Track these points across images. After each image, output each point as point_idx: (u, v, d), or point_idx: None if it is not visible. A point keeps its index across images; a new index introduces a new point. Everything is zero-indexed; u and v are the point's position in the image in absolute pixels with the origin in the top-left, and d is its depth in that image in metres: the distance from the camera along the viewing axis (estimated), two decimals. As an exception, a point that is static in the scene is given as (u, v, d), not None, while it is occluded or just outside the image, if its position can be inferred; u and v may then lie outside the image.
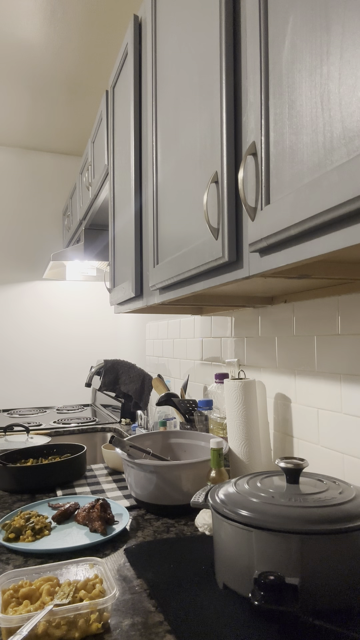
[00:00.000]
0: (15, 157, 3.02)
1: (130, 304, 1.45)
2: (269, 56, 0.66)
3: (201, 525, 0.94)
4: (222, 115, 0.78)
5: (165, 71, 1.10)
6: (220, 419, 1.31)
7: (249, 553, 0.65)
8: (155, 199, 1.16)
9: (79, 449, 1.49)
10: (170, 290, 1.09)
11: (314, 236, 0.57)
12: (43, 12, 1.77)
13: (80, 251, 2.23)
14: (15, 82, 2.27)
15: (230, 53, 0.78)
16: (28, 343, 2.98)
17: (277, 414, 1.21)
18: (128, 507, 1.10)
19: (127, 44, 1.41)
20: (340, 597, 0.62)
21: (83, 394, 3.08)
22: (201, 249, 0.85)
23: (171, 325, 2.03)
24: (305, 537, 0.61)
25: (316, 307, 1.06)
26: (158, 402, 1.58)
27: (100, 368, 2.14)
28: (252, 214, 0.68)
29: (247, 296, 1.21)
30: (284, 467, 0.75)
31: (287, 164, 0.61)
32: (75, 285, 3.09)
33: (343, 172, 0.49)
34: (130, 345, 2.77)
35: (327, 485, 0.74)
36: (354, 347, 0.94)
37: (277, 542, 0.62)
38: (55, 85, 2.30)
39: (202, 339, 1.70)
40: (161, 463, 1.04)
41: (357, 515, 0.64)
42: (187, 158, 0.95)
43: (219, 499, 0.73)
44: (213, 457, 0.98)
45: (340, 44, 0.51)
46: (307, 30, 0.57)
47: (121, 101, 1.54)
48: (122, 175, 1.53)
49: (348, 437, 0.96)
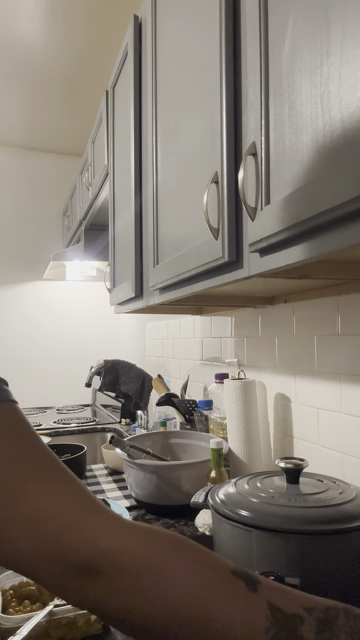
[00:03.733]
0: (15, 157, 3.02)
1: (130, 304, 1.45)
2: (269, 56, 0.66)
3: (201, 526, 0.94)
4: (222, 115, 0.78)
5: (165, 71, 1.10)
6: (220, 419, 1.31)
7: (249, 553, 0.65)
8: (155, 199, 1.16)
9: (79, 449, 1.49)
10: (170, 290, 1.09)
11: (314, 236, 0.57)
12: (43, 12, 1.77)
13: (80, 251, 2.23)
14: (16, 82, 2.27)
15: (230, 53, 0.78)
16: (28, 343, 2.98)
17: (277, 414, 1.21)
18: (128, 507, 1.10)
19: (127, 44, 1.41)
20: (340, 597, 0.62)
21: (83, 394, 3.08)
22: (201, 249, 0.85)
23: (171, 325, 2.03)
24: (305, 537, 0.61)
25: (316, 307, 1.06)
26: (158, 402, 1.58)
27: (100, 368, 2.14)
28: (252, 214, 0.68)
29: (247, 296, 1.21)
30: (284, 467, 0.75)
31: (287, 164, 0.61)
32: (75, 286, 3.09)
33: (343, 172, 0.49)
34: (130, 346, 2.77)
35: (327, 486, 0.74)
36: (354, 347, 0.94)
37: (277, 542, 0.62)
38: (55, 85, 2.30)
39: (202, 339, 1.69)
40: (161, 463, 1.04)
41: (357, 515, 0.64)
42: (187, 158, 0.95)
43: (219, 499, 0.73)
44: (213, 457, 0.98)
45: (340, 44, 0.51)
46: (307, 30, 0.57)
47: (121, 101, 1.54)
48: (122, 175, 1.53)
49: (348, 437, 0.96)
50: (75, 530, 0.38)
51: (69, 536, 0.38)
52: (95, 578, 0.38)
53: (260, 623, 0.38)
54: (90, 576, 0.38)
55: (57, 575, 0.38)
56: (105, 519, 0.40)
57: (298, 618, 0.39)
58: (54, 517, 0.38)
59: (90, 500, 0.41)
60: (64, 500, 0.39)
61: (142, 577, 0.38)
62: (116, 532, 0.40)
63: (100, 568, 0.38)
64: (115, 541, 0.39)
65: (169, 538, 0.42)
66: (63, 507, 0.39)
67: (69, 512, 0.39)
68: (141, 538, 0.40)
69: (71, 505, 0.40)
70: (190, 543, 0.43)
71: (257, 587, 0.40)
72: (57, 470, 0.41)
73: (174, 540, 0.42)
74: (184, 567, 0.40)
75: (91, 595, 0.38)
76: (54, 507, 0.39)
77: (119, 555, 0.38)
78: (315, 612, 0.40)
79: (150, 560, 0.39)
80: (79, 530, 0.38)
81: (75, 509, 0.40)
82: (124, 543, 0.39)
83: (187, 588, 0.39)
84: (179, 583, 0.39)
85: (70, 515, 0.39)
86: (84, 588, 0.38)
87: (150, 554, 0.40)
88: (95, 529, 0.39)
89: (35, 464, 0.40)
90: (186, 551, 0.41)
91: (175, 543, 0.42)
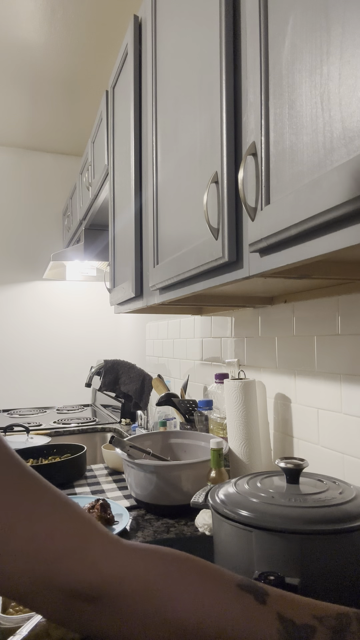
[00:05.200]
0: (15, 157, 3.02)
1: (130, 304, 1.45)
2: (269, 56, 0.66)
3: (201, 526, 0.94)
4: (222, 115, 0.78)
5: (165, 71, 1.10)
6: (220, 419, 1.31)
7: (249, 553, 0.65)
8: (155, 199, 1.16)
9: (79, 449, 1.49)
10: (170, 290, 1.09)
11: (314, 236, 0.57)
12: (43, 12, 1.77)
13: (80, 251, 2.23)
14: (16, 82, 2.27)
15: (230, 53, 0.78)
16: (28, 343, 2.98)
17: (277, 414, 1.21)
18: (128, 507, 1.10)
19: (127, 44, 1.41)
20: (340, 597, 0.62)
21: (83, 394, 3.08)
22: (201, 249, 0.85)
23: (171, 325, 2.03)
24: (305, 537, 0.61)
25: (316, 307, 1.06)
26: (158, 402, 1.58)
27: (100, 368, 2.14)
28: (252, 214, 0.68)
29: (247, 296, 1.21)
30: (284, 467, 0.75)
31: (287, 164, 0.61)
32: (75, 286, 3.09)
33: (343, 172, 0.49)
34: (130, 346, 2.77)
35: (327, 486, 0.74)
36: (354, 347, 0.94)
37: (277, 542, 0.62)
38: (55, 85, 2.30)
39: (202, 339, 1.69)
40: (161, 463, 1.04)
41: (357, 515, 0.64)
42: (187, 158, 0.95)
43: (219, 499, 0.73)
44: (213, 457, 0.98)
45: (340, 44, 0.51)
46: (307, 31, 0.57)
47: (121, 101, 1.54)
48: (122, 175, 1.53)
49: (348, 437, 0.96)
50: (74, 559, 0.37)
51: (67, 565, 0.37)
52: (95, 605, 0.37)
53: (272, 637, 0.37)
54: (91, 603, 0.37)
55: (57, 604, 0.37)
56: (104, 543, 0.39)
57: (310, 628, 0.38)
58: (51, 547, 0.37)
59: (87, 525, 0.40)
60: (60, 528, 0.38)
61: (145, 601, 0.37)
62: (116, 556, 0.39)
63: (101, 595, 0.37)
64: (115, 566, 0.38)
65: (171, 557, 0.41)
66: (59, 536, 0.38)
67: (66, 540, 0.38)
68: (142, 560, 0.39)
69: (68, 532, 0.38)
70: (193, 560, 0.41)
71: (266, 599, 0.39)
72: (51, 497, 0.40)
73: (176, 560, 0.41)
74: (190, 587, 0.39)
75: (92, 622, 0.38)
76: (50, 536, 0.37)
77: (120, 580, 0.37)
78: (326, 620, 0.39)
79: (153, 584, 0.38)
80: (77, 558, 0.37)
81: (73, 535, 0.38)
82: (125, 567, 0.38)
83: (194, 608, 0.38)
84: (185, 604, 0.38)
85: (68, 543, 0.38)
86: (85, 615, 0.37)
87: (153, 577, 0.38)
88: (94, 555, 0.38)
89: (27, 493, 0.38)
90: (190, 570, 0.40)
91: (178, 562, 0.41)
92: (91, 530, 0.40)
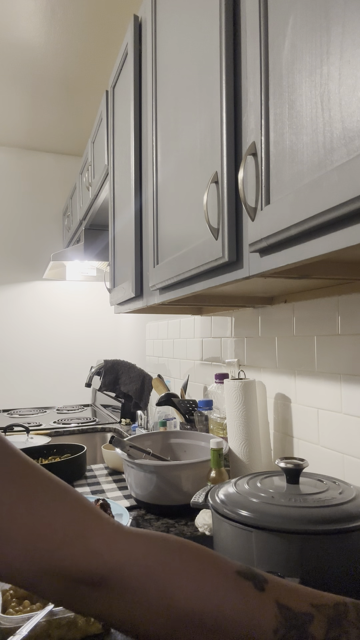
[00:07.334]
0: (15, 157, 3.02)
1: (130, 304, 1.45)
2: (269, 56, 0.66)
3: (201, 526, 0.94)
4: (222, 115, 0.78)
5: (165, 71, 1.10)
6: (220, 419, 1.31)
7: (249, 553, 0.65)
8: (155, 199, 1.16)
9: (79, 449, 1.49)
10: (170, 290, 1.09)
11: (314, 236, 0.57)
12: (43, 12, 1.77)
13: (80, 251, 2.23)
14: (15, 82, 2.27)
15: (230, 53, 0.78)
16: (28, 343, 2.98)
17: (277, 414, 1.21)
18: (128, 507, 1.10)
19: (127, 44, 1.41)
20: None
21: (83, 394, 3.08)
22: (201, 249, 0.85)
23: (171, 325, 2.03)
24: (305, 537, 0.61)
25: (316, 307, 1.06)
26: (158, 402, 1.58)
27: (100, 368, 2.14)
28: (252, 214, 0.68)
29: (247, 296, 1.21)
30: (284, 467, 0.75)
31: (287, 164, 0.61)
32: (75, 286, 3.09)
33: (343, 172, 0.49)
34: (130, 346, 2.77)
35: (327, 486, 0.74)
36: (354, 347, 0.94)
37: (277, 542, 0.62)
38: (55, 86, 2.30)
39: (202, 339, 1.69)
40: (161, 463, 1.04)
41: (357, 515, 0.64)
42: (187, 158, 0.95)
43: (219, 499, 0.73)
44: (213, 457, 0.98)
45: (340, 44, 0.51)
46: (307, 31, 0.57)
47: (121, 101, 1.54)
48: (122, 175, 1.53)
49: (348, 437, 0.96)
50: (75, 546, 0.38)
51: (69, 552, 0.37)
52: (98, 591, 0.38)
53: (269, 623, 0.38)
54: (94, 589, 0.38)
55: (60, 591, 0.38)
56: (105, 530, 0.39)
57: (307, 616, 0.39)
58: (52, 535, 0.37)
59: (87, 512, 0.40)
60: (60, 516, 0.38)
61: (146, 587, 0.38)
62: (117, 542, 0.39)
63: (104, 581, 0.37)
64: (117, 552, 0.38)
65: (172, 543, 0.41)
66: (60, 524, 0.38)
67: (68, 528, 0.38)
68: (144, 546, 0.40)
69: (69, 520, 0.38)
70: (193, 547, 0.42)
71: (265, 586, 0.40)
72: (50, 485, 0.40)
73: (177, 546, 0.41)
74: (190, 573, 0.39)
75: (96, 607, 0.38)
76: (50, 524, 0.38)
77: (121, 566, 0.38)
78: (324, 609, 0.40)
79: (154, 569, 0.39)
80: (79, 545, 0.38)
81: (73, 523, 0.39)
82: (126, 553, 0.39)
83: (195, 594, 0.38)
84: (186, 590, 0.38)
85: (69, 531, 0.38)
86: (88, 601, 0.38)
87: (154, 563, 0.39)
88: (95, 542, 0.38)
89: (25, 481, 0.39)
90: (190, 556, 0.41)
91: (179, 548, 0.41)
92: (92, 516, 0.40)
